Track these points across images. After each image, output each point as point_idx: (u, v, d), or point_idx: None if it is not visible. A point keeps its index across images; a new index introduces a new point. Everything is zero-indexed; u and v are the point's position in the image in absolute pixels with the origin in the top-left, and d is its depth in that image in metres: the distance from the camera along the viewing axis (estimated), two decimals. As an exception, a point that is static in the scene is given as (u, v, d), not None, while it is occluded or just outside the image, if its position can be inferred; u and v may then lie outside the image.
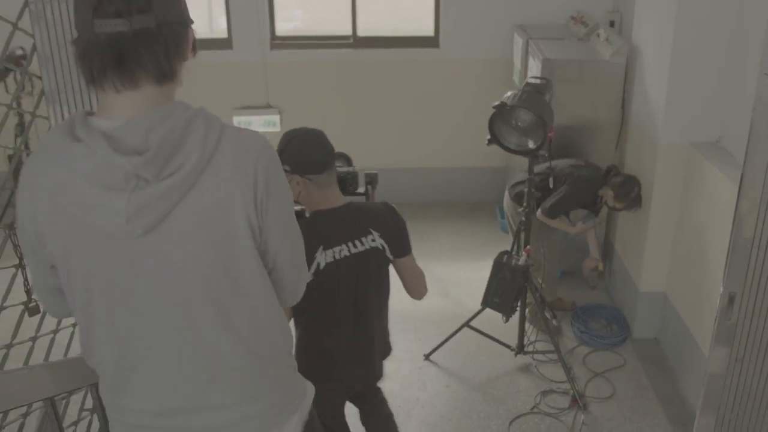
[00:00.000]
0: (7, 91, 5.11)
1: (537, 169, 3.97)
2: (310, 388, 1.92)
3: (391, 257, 2.57)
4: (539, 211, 4.15)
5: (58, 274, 1.57)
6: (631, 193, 4.15)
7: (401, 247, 2.60)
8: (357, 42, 5.96)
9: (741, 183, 2.39)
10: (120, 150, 1.40)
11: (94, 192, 1.41)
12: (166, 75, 1.47)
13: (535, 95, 3.62)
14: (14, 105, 2.47)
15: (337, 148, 2.88)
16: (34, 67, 2.38)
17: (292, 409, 1.78)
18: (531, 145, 3.70)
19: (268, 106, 6.02)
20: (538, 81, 3.76)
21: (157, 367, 1.60)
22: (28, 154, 5.05)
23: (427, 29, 5.96)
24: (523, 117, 3.66)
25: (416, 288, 2.75)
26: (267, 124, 6.04)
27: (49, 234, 1.50)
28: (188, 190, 1.45)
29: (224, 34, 5.96)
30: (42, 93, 2.30)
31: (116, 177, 1.41)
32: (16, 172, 5.34)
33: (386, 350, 2.82)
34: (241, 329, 1.62)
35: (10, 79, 5.29)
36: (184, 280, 1.53)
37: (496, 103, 3.66)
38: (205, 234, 1.51)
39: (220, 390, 1.64)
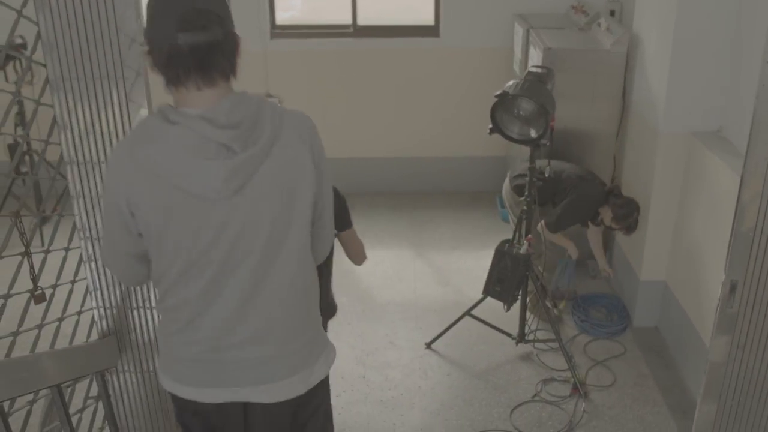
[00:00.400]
0: (6, 80, 5.10)
1: (538, 164, 3.98)
2: (330, 343, 2.21)
3: (335, 231, 2.78)
4: (541, 225, 4.20)
5: (146, 239, 1.88)
6: (629, 217, 4.17)
7: (343, 222, 2.90)
8: (357, 31, 5.95)
9: (743, 172, 2.40)
10: (216, 126, 1.74)
11: (194, 162, 1.73)
12: (233, 73, 1.82)
13: (537, 84, 3.62)
14: (15, 94, 2.46)
15: (337, 136, 2.95)
16: (36, 55, 2.37)
17: (319, 351, 2.11)
18: (533, 134, 3.70)
19: (269, 96, 5.98)
20: (539, 70, 3.76)
21: (227, 305, 1.91)
22: (28, 143, 5.06)
23: (427, 18, 5.95)
24: (525, 106, 3.66)
25: (356, 256, 3.06)
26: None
27: (145, 203, 1.80)
28: (265, 157, 1.80)
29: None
30: (47, 81, 2.30)
31: (210, 150, 1.74)
32: (17, 163, 5.33)
33: (330, 309, 3.02)
34: (293, 275, 1.96)
35: (9, 69, 5.28)
36: (258, 232, 1.86)
37: (498, 92, 3.66)
38: (277, 192, 1.85)
39: (271, 326, 1.96)
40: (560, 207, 4.21)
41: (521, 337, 4.18)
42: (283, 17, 6.05)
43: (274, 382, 2.01)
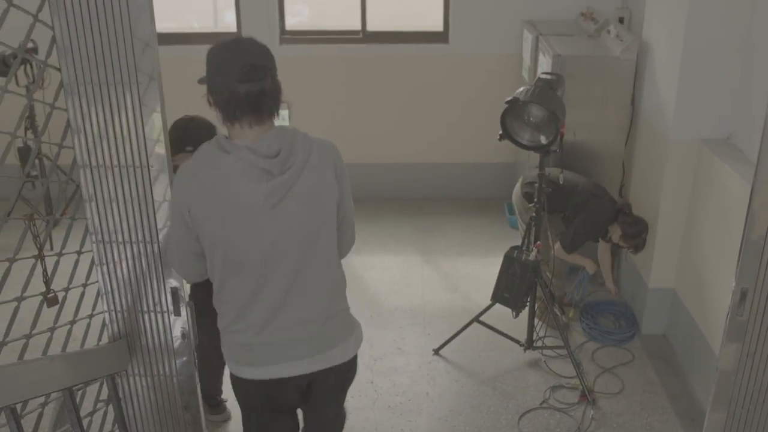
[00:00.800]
0: (17, 84, 5.13)
1: (548, 171, 3.99)
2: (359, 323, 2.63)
3: None
4: (557, 247, 4.24)
5: (202, 241, 2.31)
6: (638, 237, 4.19)
7: None
8: (366, 37, 5.97)
9: (754, 179, 2.39)
10: (259, 155, 2.19)
11: (243, 182, 2.20)
12: (277, 113, 2.26)
13: (547, 91, 3.63)
14: (29, 97, 2.48)
15: (346, 142, 3.11)
16: (49, 59, 2.38)
17: (350, 329, 2.56)
18: (543, 140, 3.71)
19: (277, 101, 6.02)
20: (550, 76, 3.77)
21: (271, 296, 2.34)
22: (37, 145, 5.09)
23: (436, 25, 5.97)
24: (535, 112, 3.67)
25: None
26: (276, 119, 6.03)
27: (203, 213, 2.25)
28: (297, 178, 2.24)
29: (231, 28, 5.97)
30: (60, 85, 2.31)
31: (255, 174, 2.20)
32: (23, 165, 5.36)
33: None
34: (322, 268, 2.39)
35: (18, 72, 5.30)
36: (292, 236, 2.29)
37: (509, 98, 3.67)
38: (307, 204, 2.28)
39: (308, 310, 2.39)
40: (572, 228, 4.24)
41: (529, 344, 4.18)
42: (290, 23, 6.07)
43: (317, 354, 2.44)
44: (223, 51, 2.21)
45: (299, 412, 2.75)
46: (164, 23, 5.47)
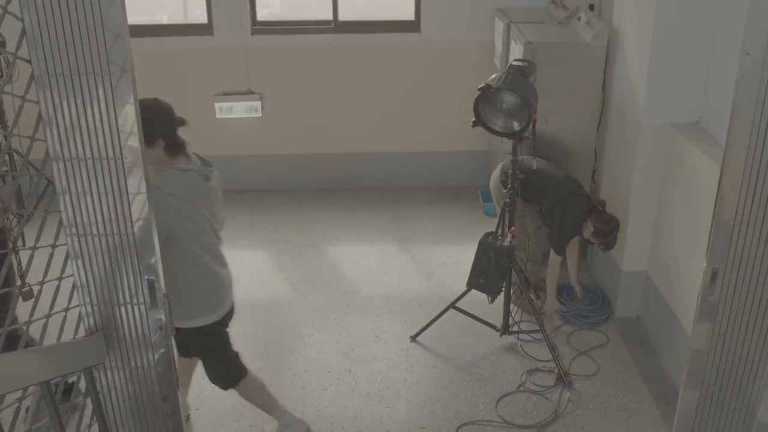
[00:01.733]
0: (-15, 77, 5.05)
1: (523, 159, 4.02)
2: None
3: None
4: (552, 255, 4.33)
5: (168, 231, 3.13)
6: (609, 234, 4.24)
7: None
8: (338, 27, 5.95)
9: (723, 162, 2.43)
10: (201, 166, 3.22)
11: (199, 187, 3.20)
12: None
13: (519, 77, 3.65)
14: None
15: (320, 132, 3.22)
16: (18, 51, 2.36)
17: None
18: (516, 126, 3.73)
19: (250, 92, 6.00)
20: (521, 63, 3.79)
21: (214, 256, 3.33)
22: (8, 139, 5.03)
23: (407, 14, 5.97)
24: (508, 99, 3.69)
25: None
26: (248, 110, 6.02)
27: (178, 216, 3.12)
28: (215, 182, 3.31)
29: (203, 20, 5.92)
30: (31, 77, 2.29)
31: (202, 179, 3.21)
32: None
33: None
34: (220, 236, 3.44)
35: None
36: (219, 215, 3.35)
37: (482, 85, 3.69)
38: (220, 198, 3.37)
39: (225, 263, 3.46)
40: (554, 232, 4.31)
41: (505, 329, 4.22)
42: (260, 14, 6.03)
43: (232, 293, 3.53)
44: (160, 107, 3.08)
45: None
46: (133, 16, 5.41)
